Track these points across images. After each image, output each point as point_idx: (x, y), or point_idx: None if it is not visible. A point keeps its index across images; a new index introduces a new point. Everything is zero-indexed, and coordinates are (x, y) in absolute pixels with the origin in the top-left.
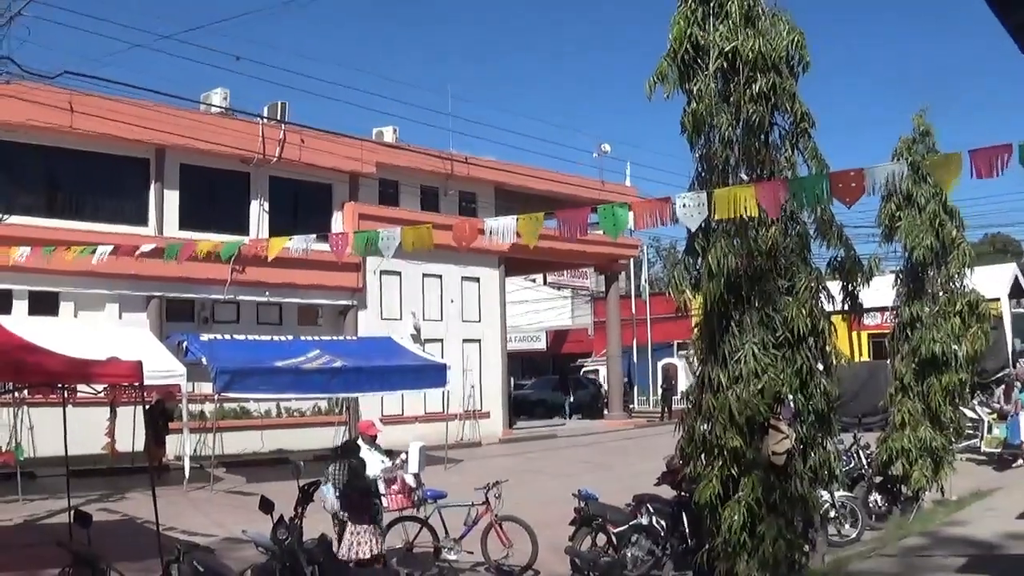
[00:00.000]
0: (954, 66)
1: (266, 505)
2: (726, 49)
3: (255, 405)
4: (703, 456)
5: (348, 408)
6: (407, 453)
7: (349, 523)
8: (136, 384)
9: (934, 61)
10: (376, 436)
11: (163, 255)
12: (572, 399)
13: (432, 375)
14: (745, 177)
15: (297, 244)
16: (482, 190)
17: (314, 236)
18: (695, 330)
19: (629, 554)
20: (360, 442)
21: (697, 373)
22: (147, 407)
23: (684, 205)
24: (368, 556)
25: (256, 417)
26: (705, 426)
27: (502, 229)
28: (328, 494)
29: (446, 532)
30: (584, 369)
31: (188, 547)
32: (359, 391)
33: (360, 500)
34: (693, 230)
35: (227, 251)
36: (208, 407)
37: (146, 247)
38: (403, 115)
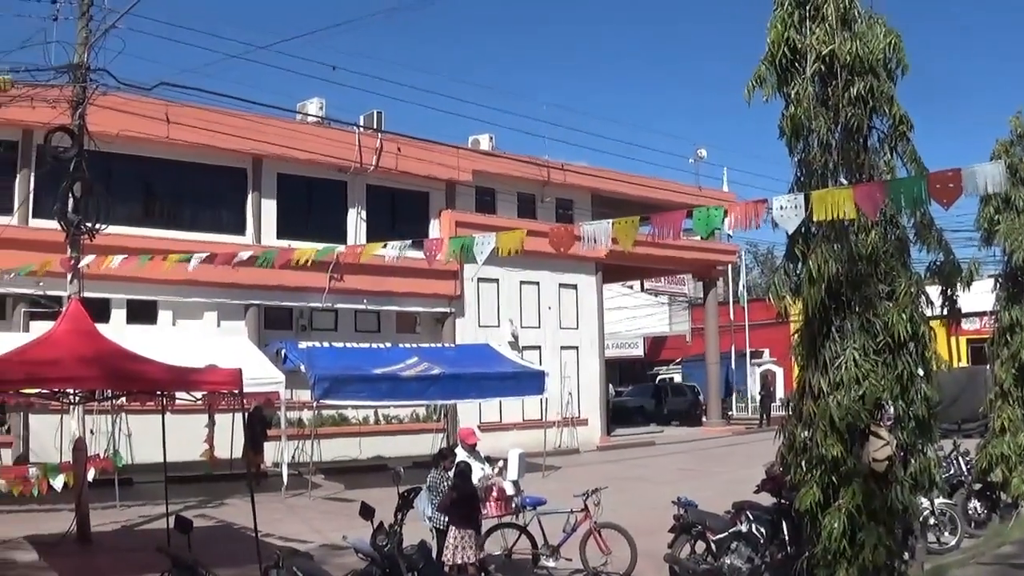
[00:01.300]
0: None
1: (366, 511)
2: (823, 52)
3: (353, 412)
4: (804, 463)
5: (446, 415)
6: (506, 460)
7: (452, 528)
8: (236, 391)
9: None
10: (476, 444)
11: (257, 263)
12: (664, 407)
13: (530, 382)
14: (844, 181)
15: (392, 249)
16: (579, 197)
17: (408, 241)
18: (795, 336)
19: (728, 562)
20: (460, 449)
21: (796, 379)
22: (246, 414)
23: (781, 207)
24: (472, 561)
25: (354, 424)
26: (806, 433)
27: (598, 234)
28: (424, 501)
29: (545, 539)
30: (659, 376)
31: (288, 553)
32: (457, 398)
33: (466, 505)
34: (791, 233)
35: (322, 252)
36: (306, 414)
37: (243, 254)
38: (499, 123)
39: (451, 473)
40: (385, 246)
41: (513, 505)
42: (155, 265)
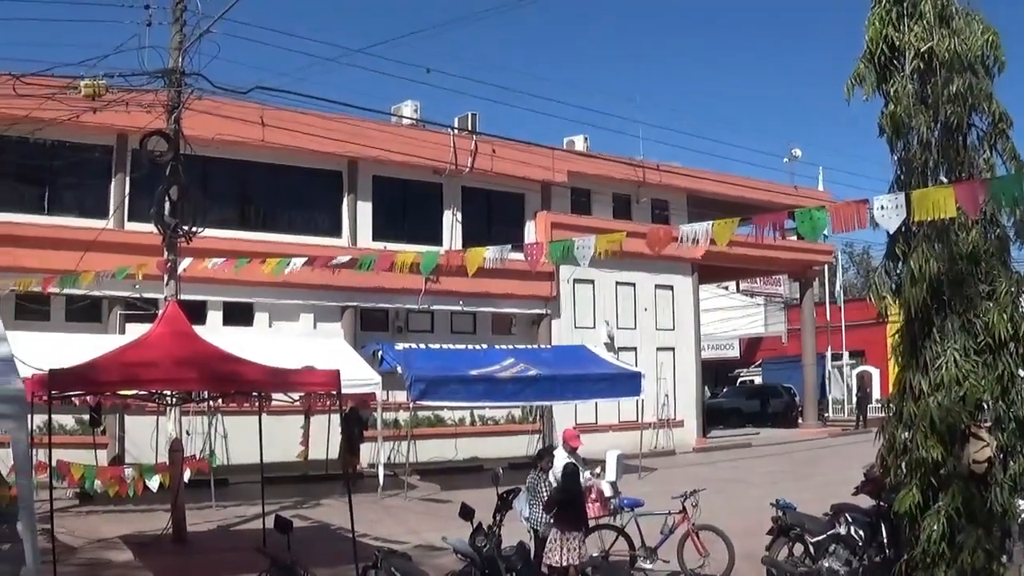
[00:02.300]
0: None
1: (466, 512)
2: (922, 49)
3: (449, 413)
4: (903, 465)
5: (542, 416)
6: (604, 461)
7: (555, 529)
8: (333, 392)
9: None
10: (577, 448)
11: (357, 266)
12: (765, 408)
13: (626, 384)
14: (945, 180)
15: (493, 255)
16: (674, 197)
17: (509, 246)
18: (894, 336)
19: (826, 565)
20: (560, 450)
21: (893, 380)
22: (343, 415)
23: (882, 207)
24: (575, 563)
25: (450, 425)
26: (906, 434)
27: (696, 234)
28: (522, 501)
29: (642, 541)
30: (740, 379)
31: (386, 553)
32: (553, 400)
33: (572, 507)
34: (892, 233)
35: (427, 265)
36: (403, 415)
37: (342, 258)
38: (593, 123)
39: (550, 474)
40: (488, 251)
41: (611, 506)
42: (252, 267)
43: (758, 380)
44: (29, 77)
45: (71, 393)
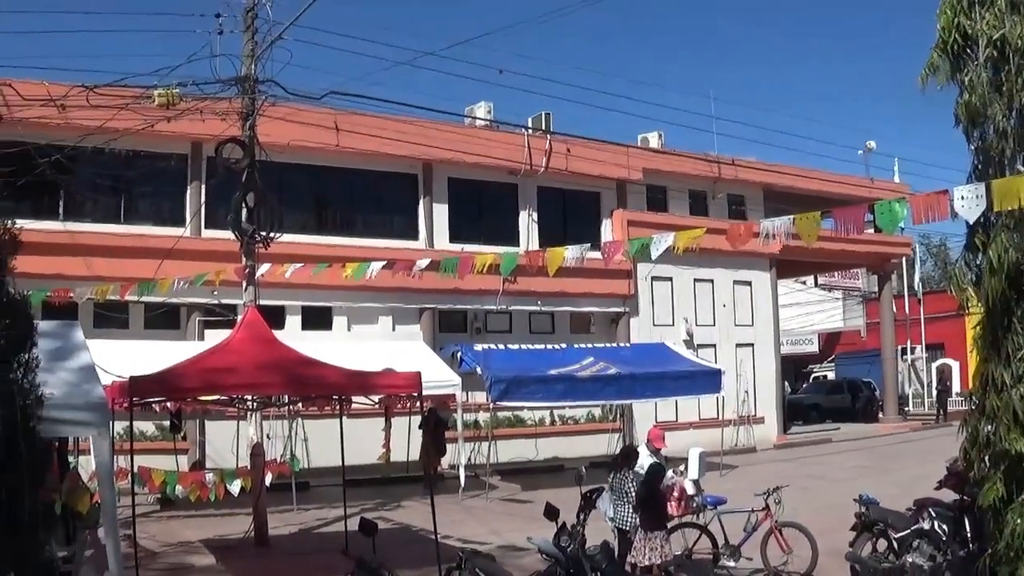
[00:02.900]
0: None
1: (551, 512)
2: (994, 37)
3: (529, 413)
4: (987, 458)
5: (622, 415)
6: (687, 459)
7: (641, 529)
8: (414, 394)
9: None
10: (661, 449)
11: (439, 269)
12: (853, 403)
13: (706, 381)
14: (1022, 168)
15: (573, 254)
16: (750, 192)
17: (588, 245)
18: (976, 328)
19: (910, 560)
20: (643, 448)
21: (974, 373)
22: (423, 417)
23: (962, 198)
24: (659, 562)
25: (530, 425)
26: (989, 427)
27: (778, 230)
28: (606, 501)
29: (725, 539)
30: (812, 375)
31: (470, 554)
32: (633, 398)
33: (655, 507)
34: (971, 224)
35: (506, 266)
36: (482, 416)
37: (422, 262)
38: (667, 119)
39: (633, 473)
40: (568, 250)
41: (694, 505)
42: (329, 271)
43: (831, 376)
44: (102, 88)
45: (152, 400)
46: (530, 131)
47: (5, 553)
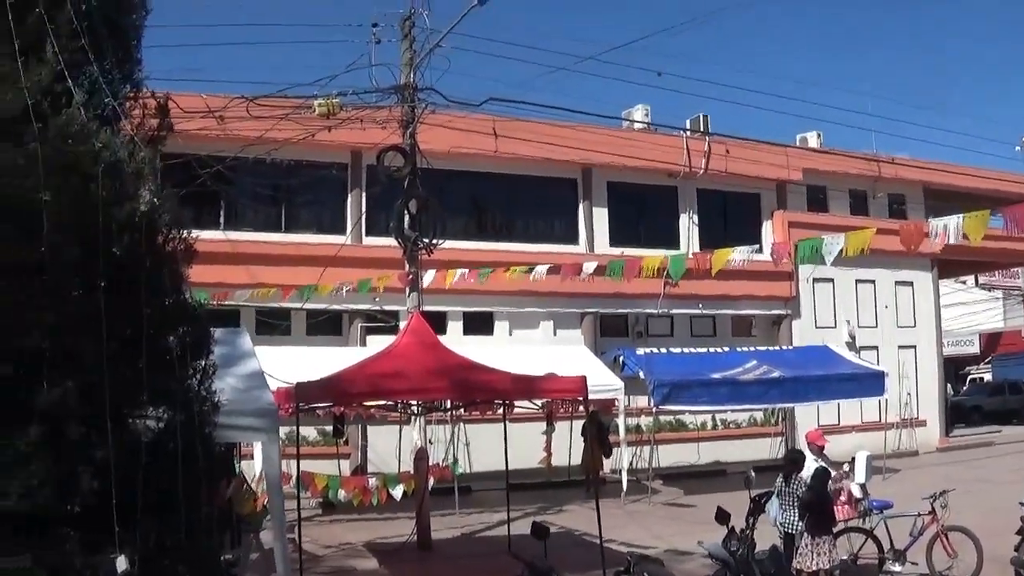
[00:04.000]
0: None
1: (722, 516)
2: None
3: (690, 417)
4: None
5: (784, 419)
6: (853, 462)
7: (807, 534)
8: (580, 399)
9: None
10: (823, 447)
11: (605, 273)
12: (1000, 405)
13: (870, 383)
14: None
15: (739, 255)
16: (910, 191)
17: (756, 247)
18: None
19: None
20: (808, 452)
21: None
22: (585, 421)
23: None
24: (825, 567)
25: (692, 430)
26: None
27: (946, 229)
28: (775, 505)
29: (891, 543)
30: (970, 376)
31: (638, 558)
32: (797, 401)
33: (821, 511)
34: None
35: (674, 269)
36: (644, 420)
37: (589, 266)
38: (825, 118)
39: (798, 476)
40: (734, 252)
41: (860, 508)
42: (491, 277)
43: (987, 377)
44: (262, 99)
45: (317, 405)
46: (688, 133)
47: (183, 556)
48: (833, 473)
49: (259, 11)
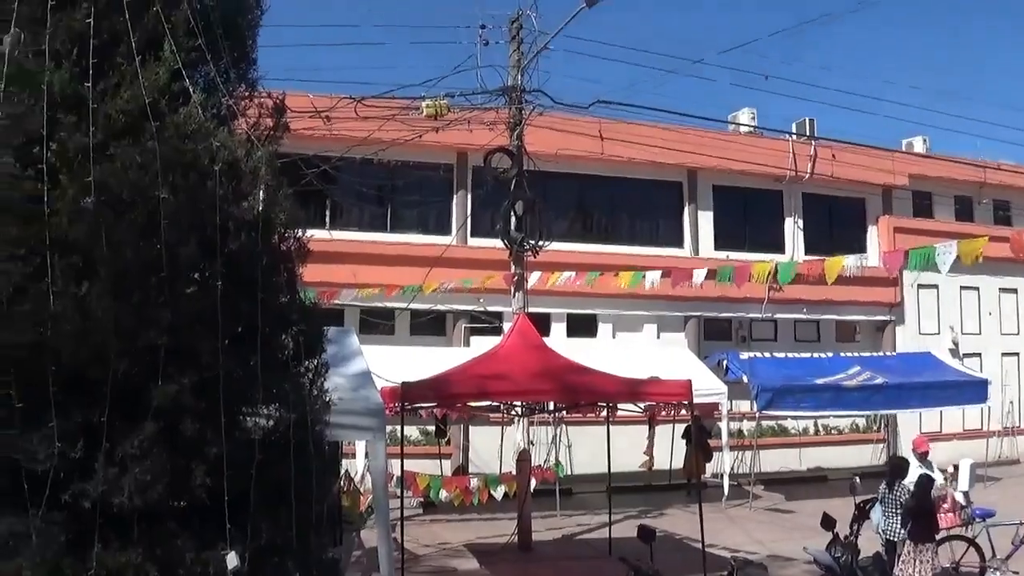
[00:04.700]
0: None
1: (828, 522)
2: None
3: (792, 423)
4: None
5: (886, 426)
6: (956, 470)
7: (910, 541)
8: (685, 402)
9: None
10: (927, 453)
11: (716, 278)
12: None
13: (972, 391)
14: None
15: (852, 263)
16: (1015, 197)
17: (866, 255)
18: None
19: None
20: (912, 459)
21: None
22: (688, 425)
23: None
24: (928, 575)
25: (794, 435)
26: None
27: None
28: (878, 512)
29: (993, 552)
30: None
31: (741, 563)
32: (900, 408)
33: (925, 519)
34: None
35: (784, 275)
36: (747, 425)
37: (699, 273)
38: (932, 124)
39: (902, 483)
40: (847, 259)
41: (964, 516)
42: (595, 279)
43: None
44: (369, 100)
45: (421, 405)
46: (795, 137)
47: (293, 554)
48: (937, 481)
49: (365, 13)
